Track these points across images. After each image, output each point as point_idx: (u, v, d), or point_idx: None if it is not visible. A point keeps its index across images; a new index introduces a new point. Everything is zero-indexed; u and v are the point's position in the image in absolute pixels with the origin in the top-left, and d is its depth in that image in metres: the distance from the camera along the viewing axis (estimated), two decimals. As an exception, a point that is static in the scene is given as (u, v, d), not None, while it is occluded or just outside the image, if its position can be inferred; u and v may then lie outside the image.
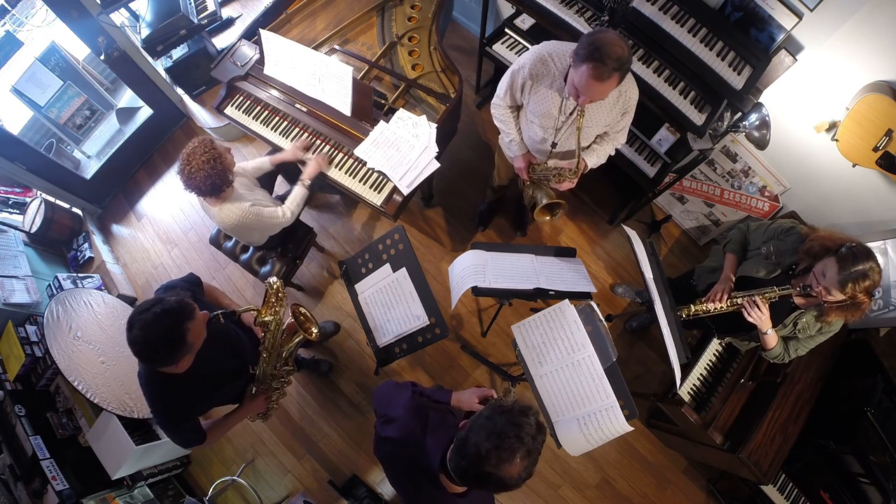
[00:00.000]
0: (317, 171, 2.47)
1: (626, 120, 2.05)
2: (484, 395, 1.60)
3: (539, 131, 2.07)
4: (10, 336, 2.71)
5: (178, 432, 1.73)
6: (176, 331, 1.40)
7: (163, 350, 1.41)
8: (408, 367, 3.05)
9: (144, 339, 1.37)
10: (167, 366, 1.47)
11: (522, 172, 2.27)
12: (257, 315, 1.74)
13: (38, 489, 2.44)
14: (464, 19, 3.83)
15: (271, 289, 1.77)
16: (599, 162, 2.17)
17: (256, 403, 2.00)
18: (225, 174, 2.04)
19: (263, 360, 1.89)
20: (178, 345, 1.42)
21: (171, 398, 1.61)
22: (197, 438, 1.76)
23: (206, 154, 1.97)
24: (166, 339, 1.40)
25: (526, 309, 3.01)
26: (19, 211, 3.42)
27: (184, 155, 1.99)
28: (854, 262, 1.63)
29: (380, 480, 2.87)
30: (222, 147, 2.05)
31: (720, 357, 2.58)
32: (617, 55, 1.60)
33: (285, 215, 2.33)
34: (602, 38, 1.61)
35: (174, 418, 1.67)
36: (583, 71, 1.65)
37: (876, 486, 2.39)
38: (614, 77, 1.66)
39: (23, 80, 3.31)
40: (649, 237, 3.26)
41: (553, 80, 1.91)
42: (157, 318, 1.37)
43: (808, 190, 2.69)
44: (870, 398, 2.35)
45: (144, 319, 1.37)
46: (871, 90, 2.03)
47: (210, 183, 2.00)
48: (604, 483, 2.91)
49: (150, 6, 3.33)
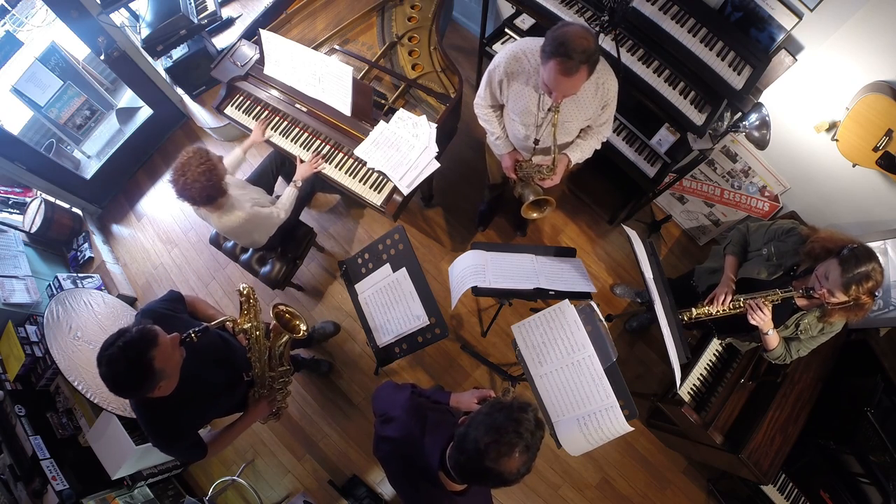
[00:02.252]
0: (308, 173, 2.49)
1: (608, 112, 2.03)
2: (482, 396, 1.60)
3: (521, 129, 2.07)
4: (10, 336, 2.71)
5: (176, 451, 1.72)
6: (141, 362, 1.38)
7: (133, 382, 1.40)
8: (408, 367, 3.05)
9: (112, 375, 1.37)
10: (145, 394, 1.46)
11: (509, 171, 2.27)
12: (233, 325, 1.73)
13: (38, 489, 2.44)
14: (464, 19, 3.83)
15: (242, 296, 1.76)
16: (584, 156, 2.17)
17: (261, 408, 1.97)
18: (219, 185, 2.03)
19: (255, 366, 1.88)
20: (146, 374, 1.40)
21: (162, 421, 1.59)
22: (197, 454, 1.74)
23: (202, 166, 1.96)
24: (133, 372, 1.38)
25: (526, 309, 3.01)
26: (19, 211, 3.42)
27: (178, 166, 1.97)
28: (857, 264, 1.63)
29: (380, 480, 2.87)
30: (216, 156, 2.05)
31: (720, 357, 2.58)
32: (583, 48, 1.58)
33: (279, 215, 2.38)
34: (566, 32, 1.59)
35: (169, 439, 1.65)
36: (550, 67, 1.64)
37: (876, 486, 2.39)
38: (582, 70, 1.64)
39: (23, 80, 3.30)
40: (649, 237, 3.26)
41: (528, 77, 1.90)
42: (121, 351, 1.36)
43: (808, 190, 2.69)
44: (870, 398, 2.35)
45: (109, 356, 1.36)
46: (871, 90, 2.02)
47: (206, 194, 2.00)
48: (604, 483, 2.91)
49: (150, 6, 3.33)
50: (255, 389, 1.96)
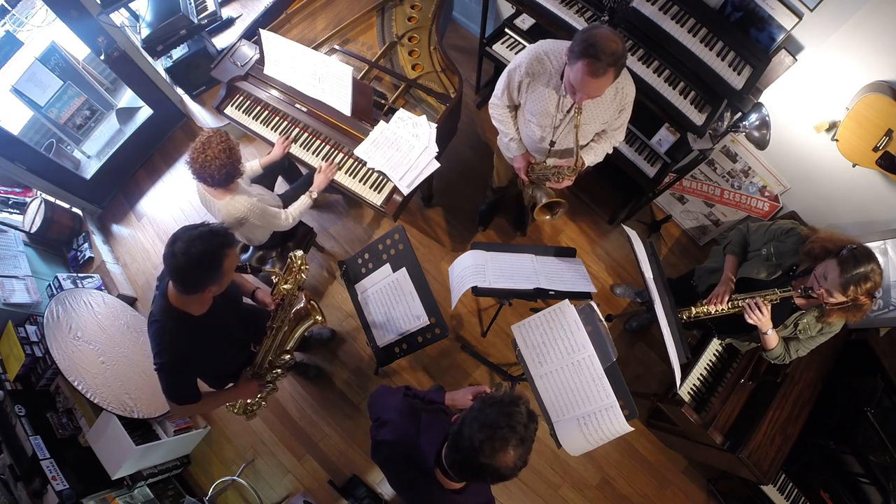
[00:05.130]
0: (326, 184, 2.49)
1: (624, 117, 2.04)
2: (476, 392, 1.59)
3: (537, 130, 2.07)
4: (10, 336, 2.71)
5: (176, 379, 1.68)
6: (218, 252, 1.43)
7: (200, 268, 1.43)
8: (408, 367, 3.05)
9: (186, 252, 1.39)
10: (195, 290, 1.48)
11: (522, 172, 2.26)
12: (278, 282, 1.79)
13: (38, 489, 2.44)
14: (464, 19, 3.83)
15: (293, 261, 1.86)
16: (597, 160, 2.17)
17: (249, 388, 2.01)
18: (237, 165, 2.05)
19: (268, 340, 1.92)
20: (214, 267, 1.44)
21: (179, 339, 1.60)
22: (191, 396, 1.74)
23: (222, 144, 1.98)
24: (206, 257, 1.41)
25: (526, 309, 3.01)
26: (19, 211, 3.42)
27: (198, 143, 1.98)
28: (856, 265, 1.63)
29: (380, 480, 2.87)
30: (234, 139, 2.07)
31: (720, 357, 2.58)
32: (612, 50, 1.60)
33: (287, 219, 2.36)
34: (596, 34, 1.61)
35: (177, 362, 1.63)
36: (578, 67, 1.65)
37: (876, 486, 2.39)
38: (610, 72, 1.65)
39: (23, 80, 3.30)
40: (649, 237, 3.26)
41: (550, 79, 1.90)
42: (205, 235, 1.41)
43: (808, 190, 2.69)
44: (870, 398, 2.35)
45: (191, 235, 1.41)
46: (871, 90, 2.03)
47: (224, 172, 2.00)
48: (604, 483, 2.91)
49: (150, 6, 3.33)
50: (251, 368, 1.99)
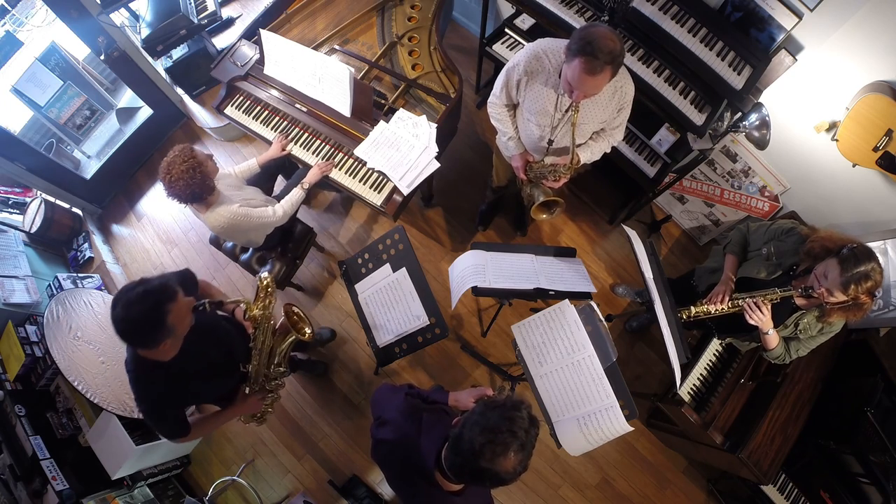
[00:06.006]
0: (318, 177, 2.48)
1: (623, 116, 2.04)
2: (480, 395, 1.60)
3: (535, 129, 2.07)
4: (10, 336, 2.71)
5: (161, 422, 1.71)
6: (157, 311, 1.40)
7: (143, 330, 1.41)
8: (408, 367, 3.05)
9: (125, 318, 1.38)
10: (148, 348, 1.47)
11: (520, 172, 2.26)
12: (247, 309, 1.75)
13: (38, 489, 2.44)
14: (464, 19, 3.83)
15: (261, 284, 1.82)
16: (593, 158, 2.17)
17: (250, 403, 1.98)
18: (205, 182, 2.03)
19: (255, 359, 1.89)
20: (158, 326, 1.41)
21: (155, 386, 1.60)
22: (180, 431, 1.74)
23: (185, 163, 1.96)
24: (147, 319, 1.39)
25: (526, 309, 3.01)
26: (19, 211, 3.42)
27: (164, 164, 1.99)
28: (856, 264, 1.63)
29: (380, 480, 2.87)
30: (203, 155, 2.04)
31: (720, 357, 2.58)
32: (609, 48, 1.60)
33: (276, 213, 2.33)
34: (593, 32, 1.61)
35: (156, 407, 1.65)
36: (575, 65, 1.65)
37: (876, 486, 2.39)
38: (607, 70, 1.65)
39: (23, 80, 3.30)
40: (649, 237, 3.26)
41: (548, 77, 1.90)
42: (139, 297, 1.38)
43: (808, 190, 2.69)
44: (870, 398, 2.35)
45: (127, 298, 1.38)
46: (871, 90, 2.02)
47: (190, 192, 2.00)
48: (604, 483, 2.91)
49: (150, 6, 3.33)
50: (249, 384, 1.97)
